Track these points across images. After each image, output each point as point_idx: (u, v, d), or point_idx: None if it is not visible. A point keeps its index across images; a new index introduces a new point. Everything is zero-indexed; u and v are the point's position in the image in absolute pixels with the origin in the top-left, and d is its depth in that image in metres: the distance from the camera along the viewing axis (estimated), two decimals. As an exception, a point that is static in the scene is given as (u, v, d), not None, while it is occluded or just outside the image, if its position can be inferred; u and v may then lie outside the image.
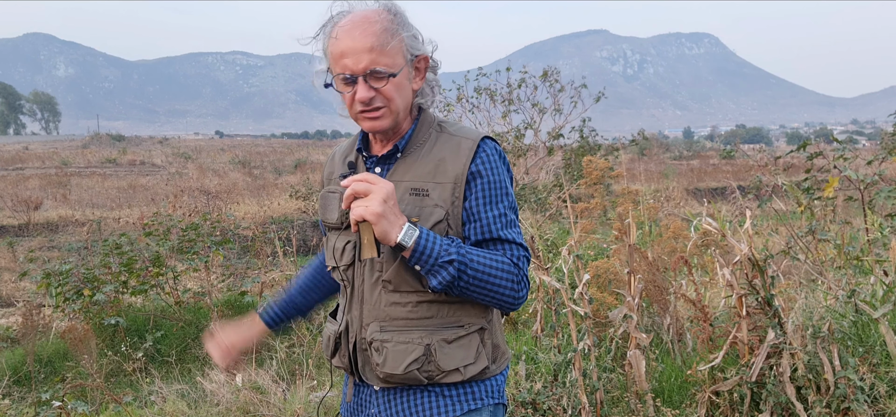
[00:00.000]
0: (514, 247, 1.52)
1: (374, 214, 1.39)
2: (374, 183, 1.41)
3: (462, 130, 1.58)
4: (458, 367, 1.52)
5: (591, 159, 4.28)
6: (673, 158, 38.34)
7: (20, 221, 16.44)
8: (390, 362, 1.51)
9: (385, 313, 1.53)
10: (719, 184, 19.40)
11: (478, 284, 1.46)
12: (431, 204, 1.49)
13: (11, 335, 6.57)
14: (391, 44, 1.45)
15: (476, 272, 1.45)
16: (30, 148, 54.42)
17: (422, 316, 1.52)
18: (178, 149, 51.17)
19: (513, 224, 1.54)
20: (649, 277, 3.83)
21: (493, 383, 1.61)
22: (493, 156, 1.54)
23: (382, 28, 1.45)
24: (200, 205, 13.47)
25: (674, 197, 15.96)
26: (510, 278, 1.49)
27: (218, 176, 28.84)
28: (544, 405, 3.25)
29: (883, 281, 3.60)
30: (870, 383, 3.03)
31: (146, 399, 4.29)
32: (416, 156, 1.54)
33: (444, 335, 1.52)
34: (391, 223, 1.40)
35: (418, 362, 1.50)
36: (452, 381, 1.53)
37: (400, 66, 1.48)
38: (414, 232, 1.42)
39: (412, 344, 1.50)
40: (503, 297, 1.49)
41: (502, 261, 1.49)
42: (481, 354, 1.56)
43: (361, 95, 1.46)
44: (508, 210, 1.54)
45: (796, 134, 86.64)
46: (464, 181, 1.50)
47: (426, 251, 1.42)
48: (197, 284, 7.26)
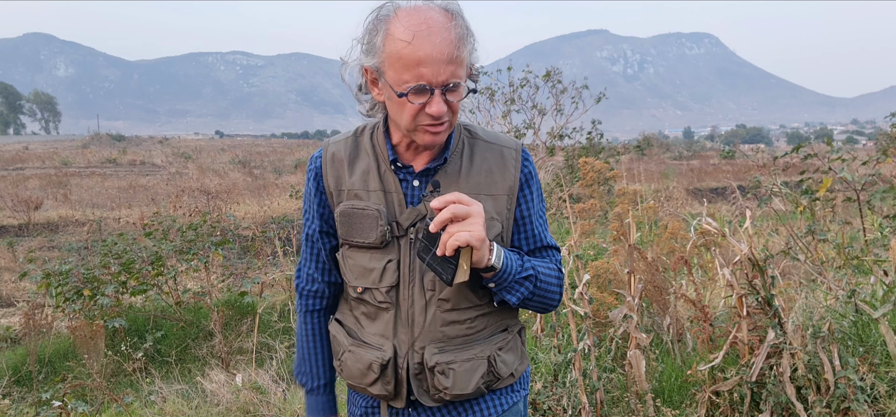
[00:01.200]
0: (556, 253, 1.57)
1: (479, 240, 1.31)
2: (470, 204, 1.32)
3: (496, 137, 1.53)
4: (512, 371, 1.55)
5: (588, 160, 4.28)
6: (673, 158, 38.34)
7: (20, 221, 16.45)
8: (460, 383, 1.46)
9: (442, 333, 1.46)
10: (719, 184, 19.41)
11: (540, 295, 1.48)
12: (488, 217, 1.42)
13: (12, 335, 6.58)
14: (464, 53, 1.33)
15: (542, 284, 1.47)
16: (30, 148, 54.44)
17: (478, 330, 1.50)
18: (179, 149, 51.20)
19: (548, 228, 1.58)
20: (649, 277, 3.84)
21: (525, 374, 1.64)
22: (533, 164, 1.54)
23: (459, 36, 1.31)
24: (200, 205, 13.47)
25: (674, 197, 15.96)
26: (560, 284, 1.53)
27: (218, 176, 28.84)
28: (544, 405, 3.25)
29: (883, 281, 3.60)
30: (870, 383, 3.03)
31: (146, 399, 4.29)
32: (455, 165, 1.47)
33: (497, 343, 1.52)
34: (486, 246, 1.35)
35: (484, 377, 1.48)
36: (505, 386, 1.55)
37: (466, 76, 1.37)
38: (501, 251, 1.38)
39: (477, 360, 1.47)
40: (553, 303, 1.52)
41: (552, 269, 1.52)
42: (523, 353, 1.60)
43: (438, 110, 1.33)
44: (544, 214, 1.58)
45: (796, 134, 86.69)
46: (516, 192, 1.49)
47: (508, 269, 1.40)
48: (197, 284, 7.27)
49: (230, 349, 5.62)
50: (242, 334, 5.99)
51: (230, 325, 6.09)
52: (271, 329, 5.91)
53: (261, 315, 5.69)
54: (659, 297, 3.92)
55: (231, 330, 6.04)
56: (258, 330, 5.63)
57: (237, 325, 6.13)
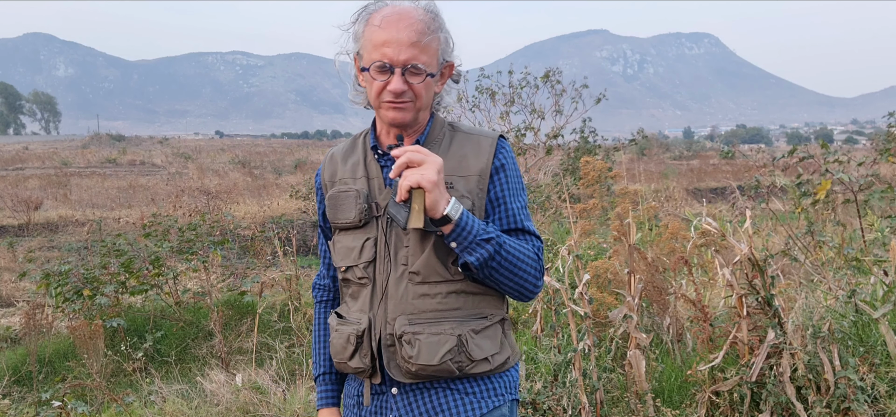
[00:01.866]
0: (534, 239, 1.59)
1: (430, 181, 1.41)
2: (427, 153, 1.45)
3: (477, 130, 1.64)
4: (487, 356, 1.56)
5: (588, 160, 4.27)
6: (673, 158, 38.35)
7: (20, 221, 16.44)
8: (425, 354, 1.51)
9: (413, 306, 1.54)
10: (719, 183, 19.42)
11: (508, 267, 1.50)
12: (458, 195, 1.53)
13: (12, 335, 6.57)
14: (431, 43, 1.50)
15: (509, 254, 1.50)
16: (30, 148, 54.42)
17: (450, 307, 1.54)
18: (178, 149, 51.17)
19: (529, 217, 1.61)
20: (649, 277, 3.83)
21: (510, 377, 1.64)
22: (511, 153, 1.61)
23: (425, 26, 1.49)
24: (200, 205, 13.46)
25: (674, 197, 15.96)
26: (534, 266, 1.55)
27: (218, 176, 28.84)
28: (544, 405, 3.25)
29: (883, 282, 3.60)
30: (870, 383, 3.03)
31: (146, 399, 4.29)
32: (434, 152, 1.55)
33: (471, 325, 1.55)
34: (441, 194, 1.44)
35: (452, 353, 1.51)
36: (481, 372, 1.56)
37: (434, 66, 1.53)
38: (459, 206, 1.46)
39: (444, 335, 1.52)
40: (526, 284, 1.54)
41: (527, 249, 1.55)
42: (504, 344, 1.61)
43: (396, 87, 1.49)
44: (525, 204, 1.61)
45: (796, 134, 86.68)
46: (488, 174, 1.56)
47: (468, 226, 1.46)
48: (197, 284, 7.26)
49: (230, 349, 5.62)
50: (242, 334, 5.99)
51: (230, 325, 6.08)
52: (271, 329, 5.91)
53: (260, 315, 5.69)
54: (659, 297, 3.91)
55: (231, 330, 6.04)
56: (258, 330, 5.63)
57: (237, 325, 6.13)
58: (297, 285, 6.28)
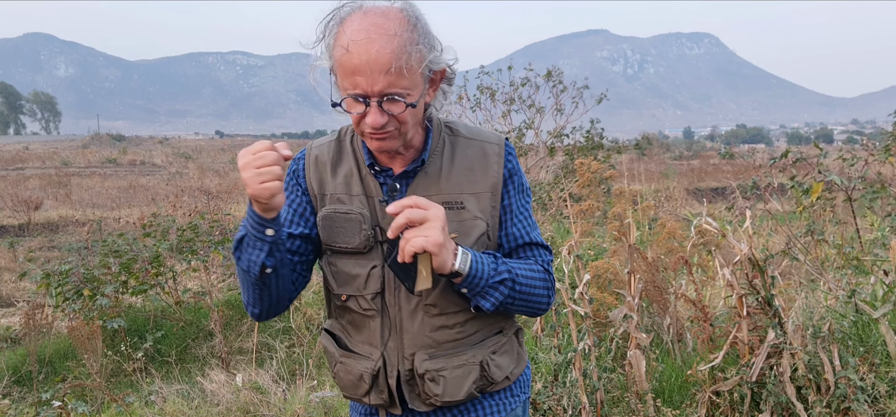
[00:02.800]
0: (543, 252, 1.51)
1: (435, 244, 1.26)
2: (427, 208, 1.29)
3: (478, 133, 1.49)
4: (507, 374, 1.51)
5: (583, 161, 4.27)
6: (673, 158, 38.35)
7: (20, 221, 16.44)
8: (451, 390, 1.43)
9: (431, 339, 1.43)
10: (719, 183, 19.41)
11: (523, 299, 1.43)
12: (470, 216, 1.41)
13: (12, 335, 6.58)
14: (411, 63, 1.27)
15: (522, 287, 1.42)
16: (30, 148, 54.44)
17: (469, 334, 1.46)
18: (179, 149, 51.19)
19: (536, 225, 1.52)
20: (649, 277, 3.83)
21: (524, 377, 1.60)
22: (515, 155, 1.50)
23: (401, 44, 1.25)
24: (201, 205, 13.46)
25: (674, 197, 15.96)
26: (546, 286, 1.47)
27: (218, 176, 28.84)
28: (544, 405, 3.26)
29: (883, 281, 3.60)
30: (870, 383, 3.03)
31: (146, 399, 4.29)
32: (436, 165, 1.43)
33: (490, 347, 1.48)
34: (448, 251, 1.30)
35: (476, 382, 1.45)
36: (501, 388, 1.52)
37: (419, 88, 1.31)
38: (466, 256, 1.33)
39: (468, 365, 1.44)
40: (540, 306, 1.48)
41: (537, 271, 1.46)
42: (520, 355, 1.57)
43: (373, 121, 1.29)
44: (531, 211, 1.52)
45: (796, 134, 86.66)
46: (500, 187, 1.44)
47: (479, 274, 1.35)
48: (197, 284, 7.27)
49: (230, 349, 5.62)
50: (242, 334, 5.99)
51: (230, 325, 6.09)
52: (271, 329, 5.91)
53: (261, 315, 5.68)
54: (659, 297, 3.92)
55: (231, 329, 6.05)
56: (258, 330, 5.63)
57: (237, 325, 6.13)
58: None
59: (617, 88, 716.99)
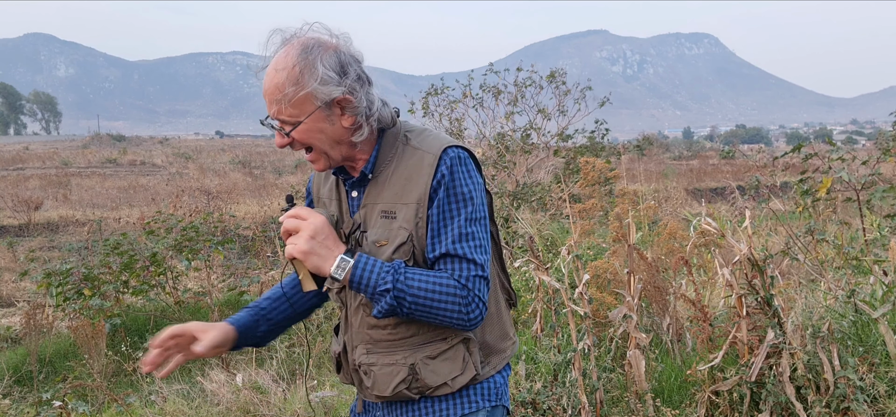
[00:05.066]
0: (465, 265, 1.45)
1: (301, 252, 1.44)
2: (305, 218, 1.46)
3: (425, 142, 1.52)
4: (446, 381, 1.51)
5: (588, 160, 4.28)
6: (673, 158, 38.36)
7: (20, 221, 16.44)
8: (379, 384, 1.53)
9: (368, 336, 1.55)
10: (719, 184, 19.40)
11: (421, 309, 1.44)
12: (397, 226, 1.48)
13: (12, 335, 6.58)
14: (295, 96, 1.43)
15: (416, 298, 1.42)
16: (30, 148, 54.42)
17: (403, 336, 1.52)
18: (179, 150, 51.17)
19: (469, 237, 1.46)
20: (648, 277, 3.84)
21: (489, 385, 1.58)
22: (455, 167, 1.46)
23: (286, 79, 1.43)
24: (201, 205, 13.48)
25: (674, 197, 15.96)
26: (456, 301, 1.43)
27: (218, 176, 28.85)
28: (544, 405, 3.26)
29: (882, 282, 3.61)
30: (869, 383, 3.04)
31: (146, 398, 4.30)
32: (386, 176, 1.52)
33: (427, 351, 1.51)
34: (323, 257, 1.44)
35: (405, 382, 1.51)
36: (442, 394, 1.53)
37: (308, 112, 1.45)
38: (347, 263, 1.43)
39: (397, 366, 1.52)
40: (450, 320, 1.45)
41: (448, 285, 1.43)
42: (469, 364, 1.53)
43: (277, 142, 1.50)
44: (465, 223, 1.46)
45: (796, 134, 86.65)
46: (426, 199, 1.46)
47: (363, 281, 1.43)
48: (197, 284, 7.27)
49: (230, 349, 5.62)
50: (243, 334, 5.99)
51: (230, 325, 6.08)
52: (271, 329, 5.91)
53: (261, 315, 5.69)
54: (658, 297, 3.92)
55: (231, 329, 6.04)
56: (258, 330, 5.63)
57: (237, 325, 6.12)
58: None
59: (616, 88, 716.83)
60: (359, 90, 1.48)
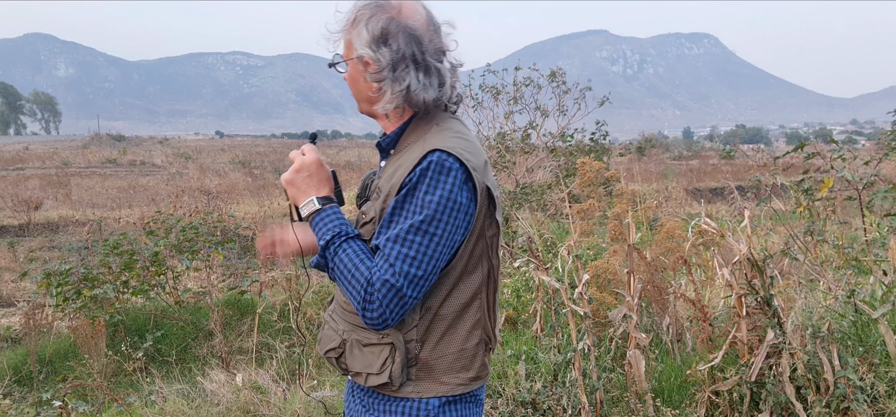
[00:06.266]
0: (385, 266, 1.40)
1: (284, 180, 1.56)
2: (303, 154, 1.58)
3: (432, 139, 1.49)
4: (361, 372, 1.55)
5: (585, 160, 4.27)
6: (672, 158, 38.36)
7: (20, 221, 16.44)
8: (321, 342, 1.65)
9: (338, 296, 1.65)
10: (719, 184, 19.41)
11: (340, 277, 1.49)
12: (378, 205, 1.53)
13: (12, 335, 6.58)
14: (343, 35, 1.58)
15: (335, 269, 1.49)
16: (30, 148, 54.40)
17: (350, 311, 1.58)
18: (179, 150, 51.15)
19: (407, 244, 1.40)
20: (648, 277, 3.84)
21: (414, 405, 1.52)
22: (429, 171, 1.42)
23: (343, 20, 1.57)
24: (201, 205, 13.46)
25: (673, 197, 15.97)
26: (359, 292, 1.42)
27: (218, 176, 28.85)
28: (544, 404, 3.26)
29: (882, 282, 3.61)
30: (869, 383, 3.04)
31: (146, 398, 4.29)
32: (397, 158, 1.57)
33: (360, 336, 1.56)
34: (300, 191, 1.56)
35: (335, 352, 1.60)
36: (360, 383, 1.58)
37: (348, 56, 1.58)
38: (313, 206, 1.54)
39: (336, 334, 1.61)
40: (354, 298, 1.44)
41: (360, 275, 1.43)
42: (386, 369, 1.50)
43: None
44: (413, 229, 1.40)
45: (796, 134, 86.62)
46: (397, 189, 1.46)
47: (316, 227, 1.53)
48: (197, 284, 7.27)
49: (230, 348, 5.63)
50: (242, 334, 6.00)
51: (230, 325, 6.09)
52: (271, 328, 5.92)
53: (261, 314, 5.69)
54: (658, 297, 3.92)
55: (231, 329, 6.05)
56: (258, 330, 5.63)
57: (237, 325, 6.13)
58: (297, 285, 6.28)
59: (616, 88, 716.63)
60: (393, 64, 1.50)
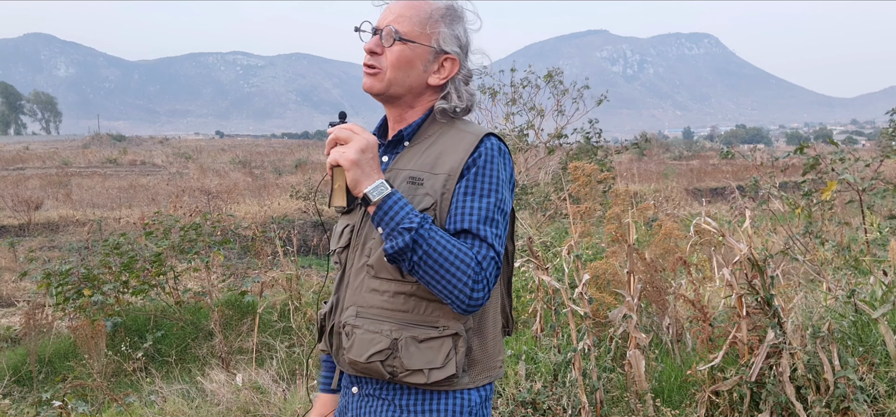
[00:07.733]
0: (484, 246, 1.42)
1: (348, 160, 1.40)
2: (357, 132, 1.44)
3: (470, 126, 1.55)
4: (422, 368, 1.45)
5: (578, 164, 4.27)
6: (673, 158, 38.37)
7: (21, 221, 16.45)
8: (356, 348, 1.48)
9: (364, 299, 1.50)
10: (719, 184, 19.41)
11: (431, 266, 1.38)
12: (422, 192, 1.47)
13: (12, 335, 6.58)
14: (423, 24, 1.52)
15: (432, 250, 1.37)
16: (30, 148, 54.40)
17: (397, 309, 1.47)
18: (179, 149, 51.16)
19: (493, 223, 1.45)
20: (648, 277, 3.84)
21: (462, 398, 1.51)
22: (491, 152, 1.49)
23: (426, 11, 1.52)
24: (201, 205, 13.47)
25: (673, 197, 15.97)
26: (468, 273, 1.39)
27: (218, 176, 28.85)
28: (544, 404, 3.26)
29: (882, 282, 3.61)
30: (869, 382, 3.04)
31: (146, 398, 4.29)
32: (421, 147, 1.53)
33: (415, 332, 1.46)
34: (365, 173, 1.41)
35: (382, 354, 1.46)
36: (415, 382, 1.46)
37: (419, 41, 1.52)
38: (385, 189, 1.40)
39: (380, 336, 1.46)
40: (456, 290, 1.39)
41: (466, 255, 1.40)
42: (451, 360, 1.46)
43: (367, 45, 1.54)
44: (493, 208, 1.45)
45: (796, 134, 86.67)
46: (458, 174, 1.46)
47: (390, 211, 1.39)
48: (197, 284, 7.27)
49: (230, 349, 5.63)
50: (242, 334, 6.00)
51: (230, 325, 6.09)
52: (271, 328, 5.92)
53: (261, 314, 5.69)
54: (658, 297, 3.92)
55: (231, 329, 6.05)
56: (258, 330, 5.63)
57: (237, 325, 6.13)
58: (297, 285, 6.28)
59: (616, 88, 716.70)
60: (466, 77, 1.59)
